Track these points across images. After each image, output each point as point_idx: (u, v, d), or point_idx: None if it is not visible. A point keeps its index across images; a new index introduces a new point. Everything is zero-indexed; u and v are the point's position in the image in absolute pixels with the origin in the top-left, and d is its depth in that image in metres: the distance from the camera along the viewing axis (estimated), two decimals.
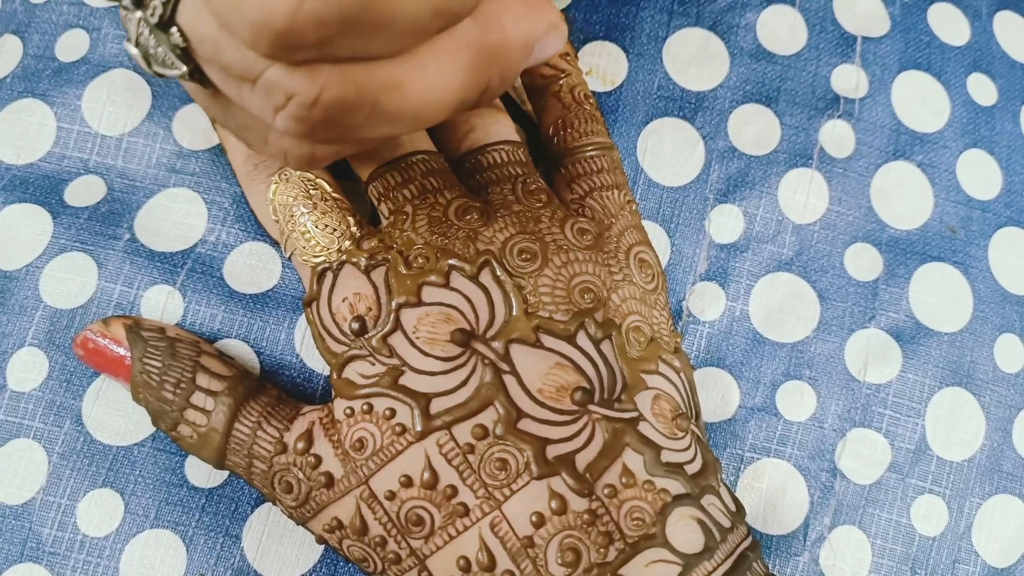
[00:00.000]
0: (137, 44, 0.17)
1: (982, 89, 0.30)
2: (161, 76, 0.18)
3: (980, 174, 0.29)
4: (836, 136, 0.28)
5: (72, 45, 0.28)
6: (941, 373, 0.27)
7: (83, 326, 0.25)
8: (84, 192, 0.26)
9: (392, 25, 0.15)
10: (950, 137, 0.29)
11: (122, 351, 0.23)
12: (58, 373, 0.25)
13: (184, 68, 0.17)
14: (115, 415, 0.25)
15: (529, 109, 0.27)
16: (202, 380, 0.23)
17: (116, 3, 0.17)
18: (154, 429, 0.25)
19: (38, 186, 0.26)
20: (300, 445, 0.22)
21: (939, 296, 0.27)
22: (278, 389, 0.24)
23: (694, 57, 0.28)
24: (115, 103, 0.27)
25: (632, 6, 0.28)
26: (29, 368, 0.25)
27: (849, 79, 0.29)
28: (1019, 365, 0.28)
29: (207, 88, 0.18)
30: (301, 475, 0.22)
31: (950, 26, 0.30)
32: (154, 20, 0.16)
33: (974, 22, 0.31)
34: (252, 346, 0.25)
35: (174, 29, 0.16)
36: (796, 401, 0.26)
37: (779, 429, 0.26)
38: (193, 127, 0.27)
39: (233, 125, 0.19)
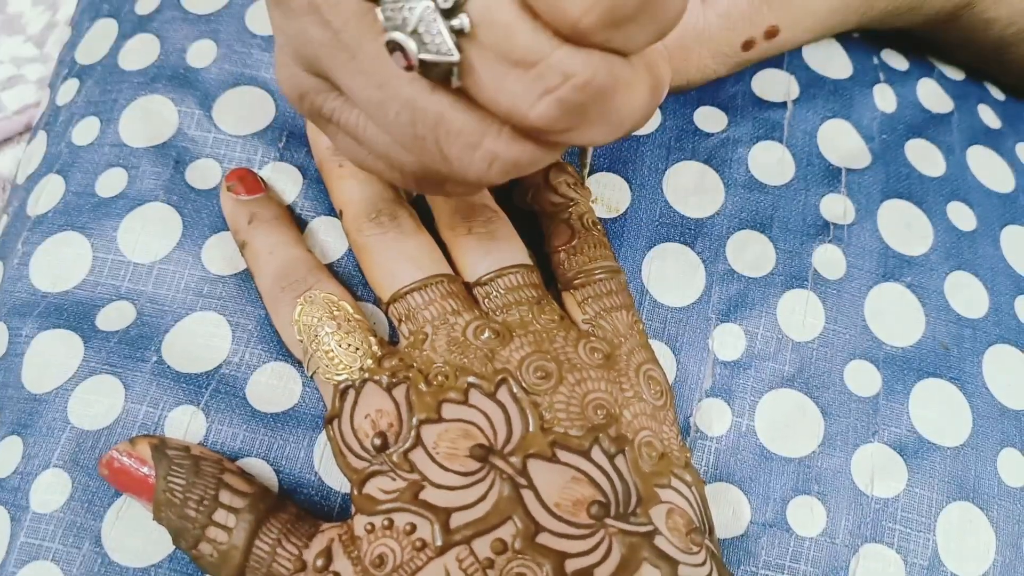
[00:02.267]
0: (413, 32, 0.18)
1: (962, 216, 0.32)
2: (425, 65, 0.18)
3: (967, 294, 0.30)
4: (828, 260, 0.30)
5: (111, 182, 0.30)
6: (947, 487, 0.27)
7: (108, 447, 0.25)
8: (115, 317, 0.28)
9: (663, 17, 0.17)
10: (935, 260, 0.30)
11: (146, 471, 0.24)
12: (80, 494, 0.25)
13: (457, 56, 0.18)
14: (133, 536, 0.25)
15: (585, 173, 0.29)
16: (225, 497, 0.23)
17: None
18: (171, 550, 0.25)
19: (72, 312, 0.28)
20: (319, 562, 0.22)
21: (938, 411, 0.28)
22: (297, 506, 0.24)
23: (692, 187, 0.30)
24: (148, 233, 0.29)
25: (633, 141, 0.31)
26: (52, 489, 0.25)
27: (837, 207, 0.31)
28: (1023, 480, 0.28)
29: (441, 86, 0.19)
30: None
31: (927, 159, 0.33)
32: (447, 5, 0.17)
33: (948, 156, 0.33)
34: (271, 464, 0.26)
35: (462, 15, 0.17)
36: (806, 516, 0.26)
37: (791, 545, 0.26)
38: (221, 254, 0.29)
39: (437, 136, 0.19)
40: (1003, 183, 0.33)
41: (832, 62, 0.34)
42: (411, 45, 0.18)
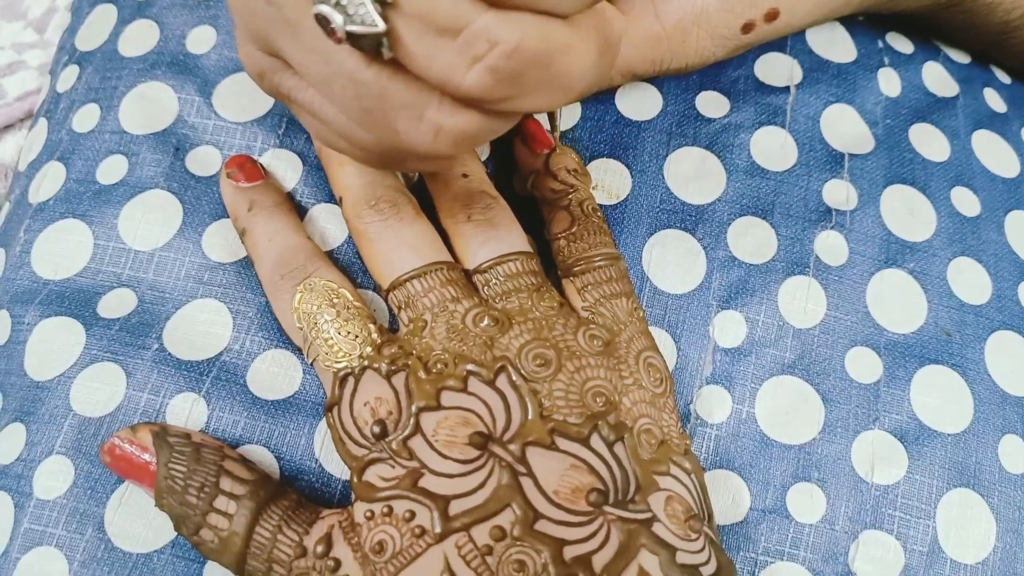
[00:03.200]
0: (336, 4, 0.18)
1: (966, 201, 0.31)
2: (352, 37, 0.18)
3: (970, 280, 0.30)
4: (830, 246, 0.30)
5: (112, 169, 0.30)
6: (948, 474, 0.27)
7: (110, 434, 0.26)
8: (116, 304, 0.28)
9: None
10: (939, 246, 0.30)
11: (148, 457, 0.24)
12: (83, 480, 0.25)
13: (382, 26, 0.17)
14: (136, 522, 0.25)
15: (556, 136, 0.29)
16: (225, 484, 0.23)
17: None
18: (173, 536, 0.25)
19: (73, 300, 0.28)
20: (319, 549, 0.22)
21: (940, 398, 0.28)
22: (298, 493, 0.25)
23: (693, 173, 0.30)
24: (149, 221, 0.29)
25: (634, 127, 0.31)
26: (56, 476, 0.25)
27: (839, 193, 0.30)
28: None
29: (378, 58, 0.18)
30: None
31: (931, 144, 0.32)
32: None
33: (953, 140, 0.33)
34: (272, 451, 0.26)
35: None
36: (806, 503, 0.27)
37: (791, 532, 0.26)
38: (221, 241, 0.29)
39: (382, 109, 0.19)
40: (1008, 168, 0.33)
41: (836, 45, 0.34)
42: (336, 17, 0.17)
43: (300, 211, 0.29)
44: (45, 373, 0.27)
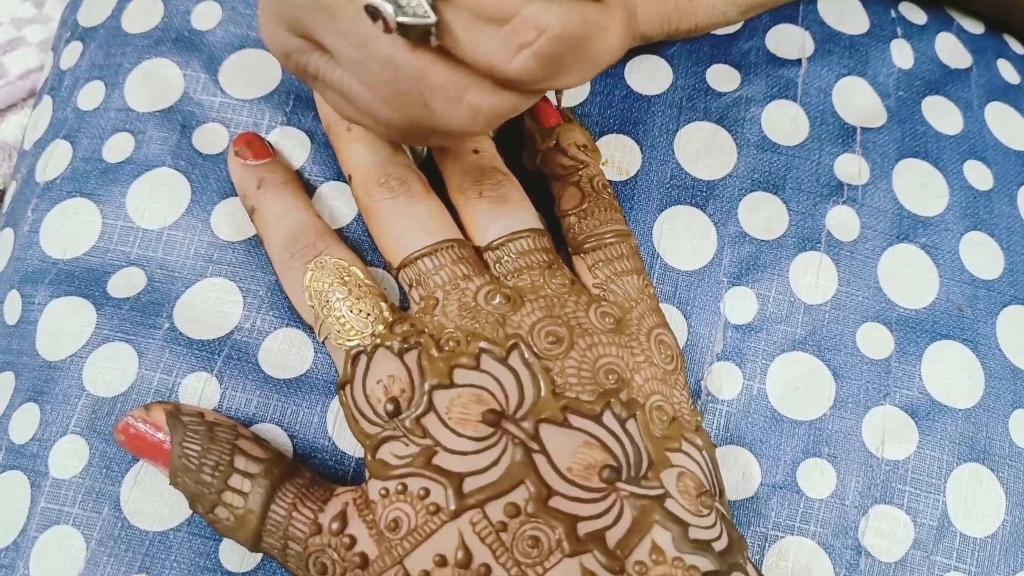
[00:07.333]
0: None
1: (978, 175, 0.31)
2: (403, 27, 0.19)
3: (982, 255, 0.30)
4: (842, 221, 0.29)
5: (118, 147, 0.30)
6: (958, 449, 0.27)
7: (123, 413, 0.26)
8: (126, 284, 0.28)
9: None
10: (951, 220, 0.30)
11: (161, 436, 0.24)
12: (98, 460, 0.25)
13: (433, 17, 0.18)
14: (151, 500, 0.25)
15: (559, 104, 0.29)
16: (240, 463, 0.23)
17: None
18: (189, 514, 0.25)
19: (83, 279, 0.28)
20: (335, 526, 0.23)
21: (951, 373, 0.28)
22: (312, 471, 0.25)
23: (704, 148, 0.30)
24: (157, 199, 0.29)
25: (644, 102, 0.30)
26: (71, 455, 0.25)
27: (851, 167, 0.30)
28: None
29: (421, 45, 0.19)
30: (336, 556, 0.22)
31: (944, 117, 0.32)
32: None
33: (966, 113, 0.32)
34: (285, 430, 0.26)
35: None
36: (817, 478, 0.27)
37: (801, 506, 0.26)
38: (230, 220, 0.28)
39: (419, 91, 0.20)
40: (1022, 141, 0.33)
41: (848, 17, 0.33)
42: (388, 9, 0.18)
43: (308, 189, 0.29)
44: (57, 353, 0.27)
